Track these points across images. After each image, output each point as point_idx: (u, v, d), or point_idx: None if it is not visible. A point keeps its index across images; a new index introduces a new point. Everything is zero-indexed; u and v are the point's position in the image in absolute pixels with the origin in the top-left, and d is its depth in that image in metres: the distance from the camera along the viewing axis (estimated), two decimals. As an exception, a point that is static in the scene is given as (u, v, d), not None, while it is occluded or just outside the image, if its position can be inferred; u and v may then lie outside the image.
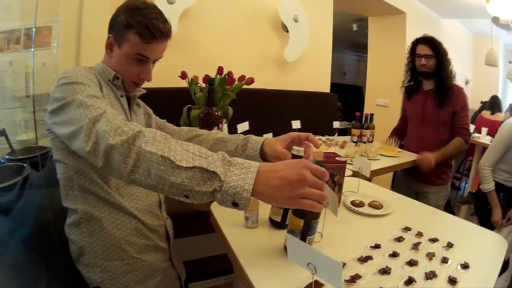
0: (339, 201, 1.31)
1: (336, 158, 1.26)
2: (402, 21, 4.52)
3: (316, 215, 0.90)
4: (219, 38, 2.71)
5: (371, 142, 2.62)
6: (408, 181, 2.54)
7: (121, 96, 1.20)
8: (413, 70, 2.54)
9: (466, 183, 4.69)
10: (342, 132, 2.99)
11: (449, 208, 4.33)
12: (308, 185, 0.71)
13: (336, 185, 1.26)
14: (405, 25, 4.49)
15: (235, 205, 0.71)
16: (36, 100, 1.60)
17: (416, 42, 2.46)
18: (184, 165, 0.71)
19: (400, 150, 2.48)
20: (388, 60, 4.72)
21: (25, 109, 1.84)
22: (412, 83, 2.61)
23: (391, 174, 3.30)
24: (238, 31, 2.82)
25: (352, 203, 1.31)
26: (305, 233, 0.92)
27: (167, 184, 0.71)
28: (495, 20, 3.81)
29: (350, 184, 1.48)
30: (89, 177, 1.05)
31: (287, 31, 3.02)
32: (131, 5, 1.12)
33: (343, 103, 7.14)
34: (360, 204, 1.31)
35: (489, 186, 2.36)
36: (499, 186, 2.37)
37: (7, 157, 1.67)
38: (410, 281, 0.85)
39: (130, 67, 1.16)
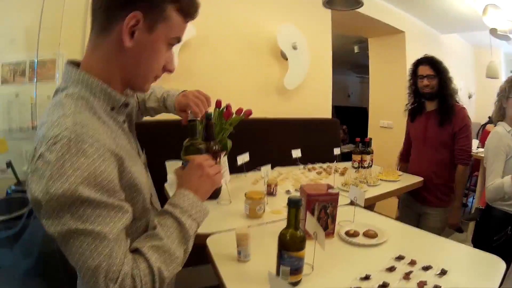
0: (333, 232, 1.33)
1: (329, 190, 1.29)
2: (401, 40, 4.57)
3: (286, 246, 0.93)
4: (219, 69, 2.76)
5: (371, 167, 2.64)
6: (410, 203, 2.54)
7: (124, 121, 0.92)
8: (415, 92, 2.55)
9: (473, 199, 4.63)
10: (348, 156, 3.00)
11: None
12: (204, 165, 0.97)
13: (329, 216, 1.29)
14: (405, 44, 4.55)
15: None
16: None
17: (417, 63, 2.49)
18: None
19: (400, 173, 2.49)
20: (389, 80, 4.76)
21: (31, 140, 1.91)
22: (415, 105, 2.62)
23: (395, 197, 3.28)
24: (237, 61, 2.88)
25: (347, 233, 1.33)
26: (278, 263, 0.95)
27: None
28: (493, 31, 3.84)
29: (347, 213, 1.50)
30: None
31: (286, 59, 3.07)
32: None
33: (348, 126, 7.16)
34: (355, 234, 1.33)
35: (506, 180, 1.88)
36: (505, 217, 1.96)
37: (13, 188, 1.72)
38: (397, 311, 0.86)
39: (159, 58, 0.86)
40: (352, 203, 1.61)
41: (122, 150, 0.80)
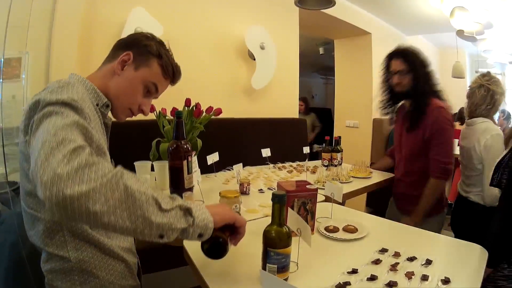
0: (313, 229, 1.29)
1: (307, 186, 1.25)
2: (367, 41, 4.63)
3: (272, 243, 0.88)
4: (187, 69, 2.65)
5: (341, 165, 2.64)
6: (399, 217, 2.21)
7: (103, 123, 1.11)
8: (390, 88, 2.18)
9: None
10: (315, 155, 2.99)
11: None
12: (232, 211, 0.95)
13: (309, 213, 1.25)
14: (371, 45, 4.62)
15: (200, 236, 0.82)
16: (5, 133, 1.53)
17: (390, 56, 2.14)
18: (168, 207, 0.76)
19: (371, 170, 2.48)
20: (355, 81, 4.82)
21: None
22: (391, 102, 2.24)
23: (364, 194, 3.30)
24: (205, 61, 2.82)
25: (326, 229, 1.30)
26: (264, 262, 0.90)
27: (149, 226, 0.72)
28: (460, 33, 3.93)
29: (323, 209, 1.47)
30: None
31: (254, 59, 3.04)
32: (161, 41, 1.21)
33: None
34: (335, 230, 1.30)
35: None
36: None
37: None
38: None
39: (136, 93, 1.14)
40: (327, 199, 1.59)
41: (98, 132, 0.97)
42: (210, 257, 0.89)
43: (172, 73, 1.21)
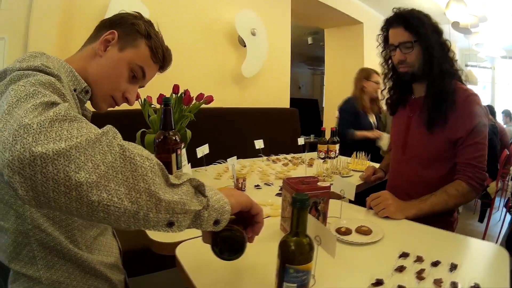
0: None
1: (319, 183, 1.10)
2: (359, 31, 4.58)
3: (291, 258, 0.72)
4: (174, 55, 2.54)
5: (337, 157, 2.50)
6: None
7: (84, 115, 0.96)
8: (394, 70, 1.62)
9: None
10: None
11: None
12: None
13: (320, 214, 1.10)
14: (363, 35, 4.56)
15: (216, 223, 0.65)
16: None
17: (387, 24, 1.58)
18: (177, 181, 0.59)
19: (370, 163, 2.33)
20: (346, 71, 4.71)
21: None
22: (394, 90, 1.70)
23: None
24: (193, 47, 2.68)
25: (338, 231, 1.15)
26: (280, 280, 0.73)
27: (155, 207, 0.53)
28: (455, 25, 3.90)
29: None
30: (49, 232, 0.78)
31: (245, 46, 2.91)
32: (150, 21, 1.07)
33: (300, 117, 7.16)
34: (347, 232, 1.15)
35: None
36: None
37: None
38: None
39: (119, 78, 0.99)
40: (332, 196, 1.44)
41: None
42: (227, 255, 0.73)
43: (162, 57, 1.07)
